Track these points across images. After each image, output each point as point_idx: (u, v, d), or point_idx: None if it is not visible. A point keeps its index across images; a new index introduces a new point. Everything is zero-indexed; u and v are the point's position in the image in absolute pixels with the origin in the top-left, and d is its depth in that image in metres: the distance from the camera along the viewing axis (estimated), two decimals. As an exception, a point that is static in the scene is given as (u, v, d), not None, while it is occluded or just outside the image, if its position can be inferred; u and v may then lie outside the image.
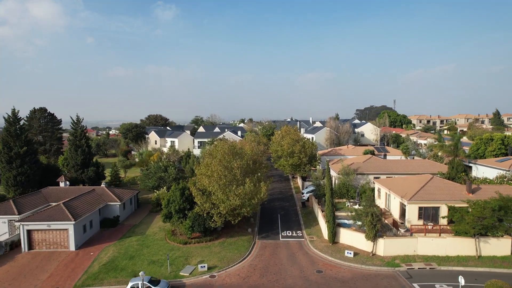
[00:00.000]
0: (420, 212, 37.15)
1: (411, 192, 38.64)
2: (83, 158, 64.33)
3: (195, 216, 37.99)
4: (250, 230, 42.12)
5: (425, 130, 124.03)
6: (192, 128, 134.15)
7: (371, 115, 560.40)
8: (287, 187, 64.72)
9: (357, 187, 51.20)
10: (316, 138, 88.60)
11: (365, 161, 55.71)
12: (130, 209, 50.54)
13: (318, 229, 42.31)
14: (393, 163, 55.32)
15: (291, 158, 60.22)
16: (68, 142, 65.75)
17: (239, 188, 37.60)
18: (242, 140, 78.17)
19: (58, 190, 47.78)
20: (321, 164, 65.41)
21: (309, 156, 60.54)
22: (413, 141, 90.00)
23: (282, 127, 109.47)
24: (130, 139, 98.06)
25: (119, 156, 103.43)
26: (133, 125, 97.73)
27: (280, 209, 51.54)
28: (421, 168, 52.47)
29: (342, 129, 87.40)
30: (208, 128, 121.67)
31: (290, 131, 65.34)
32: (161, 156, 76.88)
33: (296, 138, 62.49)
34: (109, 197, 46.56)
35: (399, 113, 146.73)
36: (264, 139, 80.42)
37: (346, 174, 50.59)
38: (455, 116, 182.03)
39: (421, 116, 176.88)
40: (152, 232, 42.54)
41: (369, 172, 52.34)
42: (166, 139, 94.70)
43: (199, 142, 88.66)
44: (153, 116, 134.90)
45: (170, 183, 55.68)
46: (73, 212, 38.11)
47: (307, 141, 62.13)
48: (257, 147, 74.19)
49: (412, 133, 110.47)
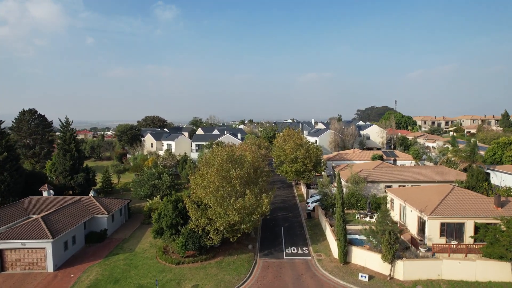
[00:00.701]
0: (442, 229, 32.99)
1: (431, 205, 34.48)
2: (72, 164, 60.26)
3: (189, 232, 33.84)
4: (250, 246, 37.96)
5: (432, 132, 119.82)
6: (191, 129, 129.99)
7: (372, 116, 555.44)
8: (290, 195, 60.55)
9: (367, 197, 47.07)
10: (319, 141, 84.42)
11: (375, 167, 51.55)
12: (119, 221, 46.39)
13: (326, 245, 38.14)
14: (405, 170, 51.14)
15: (295, 164, 56.06)
16: (57, 146, 61.63)
17: (239, 201, 33.50)
18: (242, 144, 74.05)
19: (41, 201, 43.61)
20: (326, 170, 61.26)
21: (314, 161, 56.40)
22: (422, 144, 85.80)
23: (283, 129, 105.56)
24: (125, 142, 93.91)
25: (114, 159, 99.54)
26: (128, 127, 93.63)
27: (283, 220, 47.38)
28: (436, 175, 48.31)
29: (347, 132, 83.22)
30: (207, 130, 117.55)
31: (294, 135, 61.18)
32: (156, 161, 72.76)
33: (300, 142, 58.31)
34: (96, 208, 42.40)
35: (403, 114, 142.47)
36: (265, 143, 76.28)
37: (355, 183, 46.44)
38: (460, 117, 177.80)
39: (426, 117, 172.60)
40: (142, 248, 38.37)
41: (380, 180, 48.17)
42: (162, 142, 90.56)
43: (197, 145, 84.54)
44: (150, 117, 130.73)
45: (164, 192, 51.62)
46: (52, 228, 33.96)
47: (312, 146, 57.97)
48: (258, 151, 70.14)
49: (418, 135, 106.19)
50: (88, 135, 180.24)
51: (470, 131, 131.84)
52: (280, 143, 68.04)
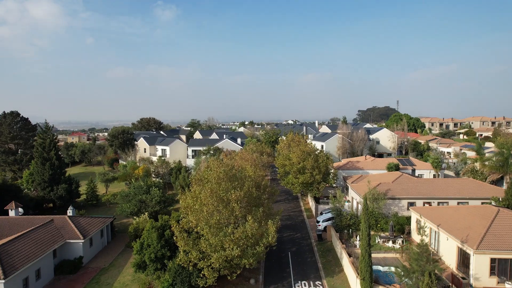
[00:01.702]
0: (493, 266, 26.50)
1: (475, 234, 28.00)
2: (52, 174, 53.86)
3: (177, 269, 27.36)
4: (253, 281, 31.47)
5: (443, 135, 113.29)
6: (188, 132, 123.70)
7: (374, 116, 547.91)
8: (296, 209, 54.06)
9: (388, 216, 40.62)
10: (326, 147, 77.95)
11: (394, 180, 45.06)
12: (100, 244, 39.90)
13: (343, 279, 31.63)
14: (430, 183, 44.62)
15: (302, 175, 49.55)
16: (35, 154, 55.17)
17: (238, 230, 27.09)
18: (243, 150, 67.72)
19: (4, 222, 37.07)
20: (337, 182, 54.80)
21: (323, 172, 49.95)
22: (438, 150, 79.38)
23: (286, 132, 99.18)
24: (117, 147, 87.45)
25: (106, 164, 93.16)
26: (119, 131, 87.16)
27: (290, 243, 40.89)
28: (466, 190, 41.82)
29: (356, 137, 76.77)
30: (205, 133, 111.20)
31: (300, 142, 54.69)
32: (148, 169, 66.29)
33: (307, 149, 51.79)
34: (71, 232, 35.93)
35: (411, 116, 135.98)
36: (267, 149, 69.87)
37: (374, 200, 39.94)
38: (468, 118, 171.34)
39: (433, 119, 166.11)
40: (122, 283, 31.86)
41: (402, 196, 41.69)
42: (156, 147, 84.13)
43: (193, 151, 78.12)
44: (146, 119, 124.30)
45: (153, 208, 45.16)
46: (7, 263, 27.47)
47: (321, 154, 51.45)
48: (260, 159, 63.80)
49: (430, 139, 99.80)
50: (82, 137, 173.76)
51: (482, 134, 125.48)
52: (284, 150, 61.54)
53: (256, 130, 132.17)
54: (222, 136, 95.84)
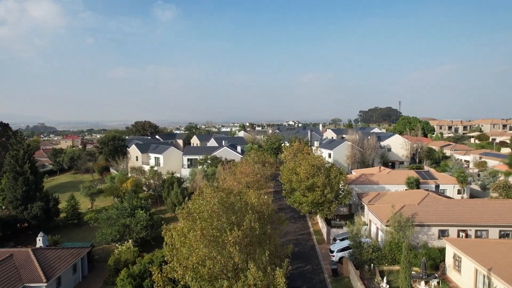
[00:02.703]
0: None
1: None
2: (26, 190, 47.47)
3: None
4: None
5: (456, 140, 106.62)
6: (186, 136, 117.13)
7: (376, 117, 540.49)
8: (304, 231, 47.44)
9: (417, 247, 34.11)
10: (334, 156, 71.38)
11: (420, 201, 38.52)
12: (71, 282, 33.35)
13: (370, 338, 25.07)
14: (463, 205, 38.01)
15: (311, 193, 43.06)
16: (6, 168, 48.61)
17: (238, 284, 20.62)
18: (243, 160, 61.26)
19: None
20: (350, 198, 48.23)
21: (336, 190, 43.45)
22: (455, 158, 72.86)
23: (290, 137, 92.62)
24: (107, 154, 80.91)
25: (96, 172, 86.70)
26: (109, 137, 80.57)
27: (299, 279, 34.31)
28: (510, 214, 35.29)
29: (367, 144, 70.18)
30: (203, 138, 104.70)
31: (308, 153, 48.14)
32: (139, 181, 59.74)
33: (317, 163, 45.22)
34: (32, 272, 29.38)
35: (420, 119, 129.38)
36: (270, 158, 63.32)
37: (400, 228, 33.41)
38: (478, 121, 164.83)
39: (441, 122, 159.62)
40: None
41: (432, 222, 35.20)
42: (149, 155, 77.56)
43: (189, 159, 71.56)
44: (141, 123, 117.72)
45: (138, 234, 38.67)
46: None
47: (333, 169, 44.83)
48: (262, 170, 57.38)
49: (443, 145, 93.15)
50: (76, 140, 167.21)
51: (496, 138, 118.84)
52: (289, 162, 55.13)
53: (258, 133, 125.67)
54: (220, 142, 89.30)
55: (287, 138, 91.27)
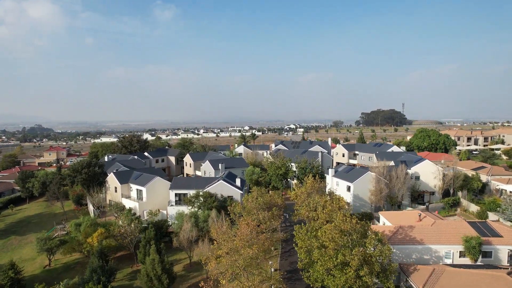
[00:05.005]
0: None
1: None
2: None
3: None
4: None
5: (486, 159, 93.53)
6: (178, 152, 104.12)
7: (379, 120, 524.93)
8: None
9: None
10: (355, 190, 58.30)
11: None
12: None
13: None
14: None
15: (341, 272, 30.23)
16: None
17: None
18: (243, 204, 48.59)
19: None
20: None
21: (377, 270, 30.55)
22: (494, 186, 60.00)
23: (296, 157, 79.20)
24: (80, 183, 67.81)
25: (71, 199, 73.65)
26: (84, 163, 67.31)
27: None
28: None
29: (395, 176, 56.90)
30: (197, 157, 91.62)
31: (336, 219, 34.81)
32: (109, 232, 46.63)
33: (348, 227, 32.29)
34: None
35: (440, 133, 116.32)
36: (278, 199, 50.26)
37: None
38: (498, 130, 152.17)
39: (459, 132, 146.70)
40: None
41: None
42: (130, 186, 64.44)
43: (177, 195, 58.46)
44: (128, 138, 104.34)
45: None
46: None
47: (371, 240, 31.73)
48: (268, 219, 44.76)
49: (475, 168, 79.70)
50: (62, 152, 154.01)
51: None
52: (303, 209, 42.81)
53: (260, 148, 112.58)
54: (217, 165, 76.33)
55: (294, 159, 78.20)
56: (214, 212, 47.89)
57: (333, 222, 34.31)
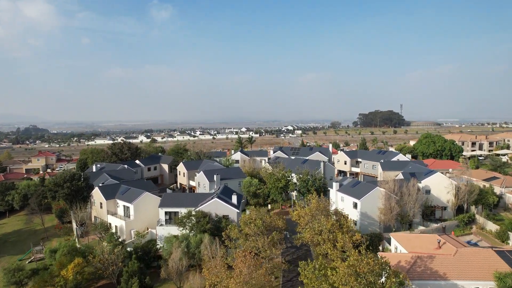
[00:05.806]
0: None
1: None
2: None
3: None
4: None
5: (496, 168, 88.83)
6: (171, 160, 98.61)
7: (377, 121, 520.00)
8: None
9: None
10: (362, 207, 53.17)
11: None
12: None
13: None
14: None
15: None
16: None
17: None
18: (241, 225, 43.47)
19: None
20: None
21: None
22: None
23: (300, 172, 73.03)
24: (63, 199, 62.23)
25: (54, 213, 68.10)
26: (66, 177, 61.65)
27: None
28: None
29: (407, 192, 51.92)
30: (191, 166, 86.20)
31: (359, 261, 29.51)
32: (87, 262, 41.14)
33: (366, 269, 27.15)
34: None
35: (446, 139, 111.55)
36: (279, 221, 44.98)
37: None
38: (502, 135, 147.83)
39: (463, 136, 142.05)
40: None
41: None
42: (117, 202, 58.94)
43: (167, 213, 53.05)
44: (118, 145, 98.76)
45: None
46: None
47: (392, 283, 26.61)
48: (268, 247, 39.63)
49: (487, 178, 75.10)
50: (51, 158, 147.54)
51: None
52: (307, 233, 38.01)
53: (258, 154, 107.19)
54: (211, 176, 70.99)
55: (295, 170, 72.91)
56: (207, 237, 42.60)
57: (346, 261, 29.11)
